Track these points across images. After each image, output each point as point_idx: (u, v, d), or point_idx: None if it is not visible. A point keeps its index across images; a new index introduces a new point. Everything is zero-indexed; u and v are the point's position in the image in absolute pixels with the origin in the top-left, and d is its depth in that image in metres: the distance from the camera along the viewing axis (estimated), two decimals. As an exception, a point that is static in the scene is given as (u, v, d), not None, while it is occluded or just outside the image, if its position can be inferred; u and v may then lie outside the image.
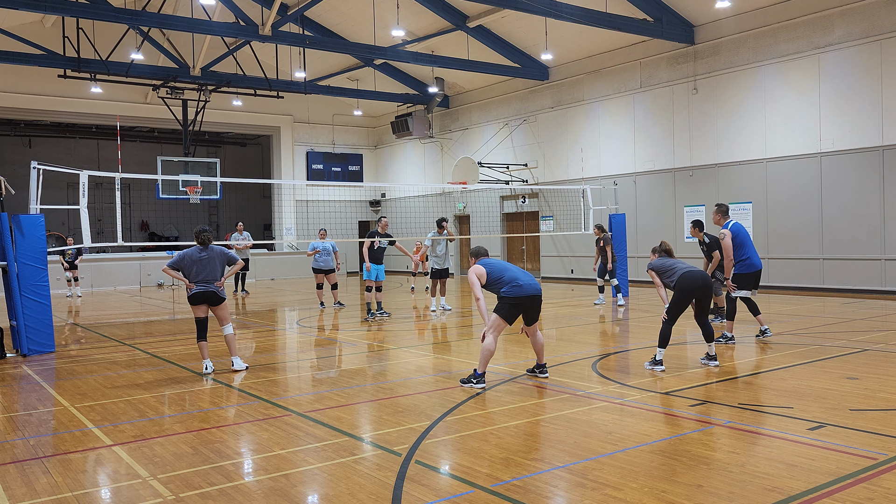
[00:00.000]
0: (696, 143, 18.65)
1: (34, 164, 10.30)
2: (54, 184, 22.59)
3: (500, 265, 7.40)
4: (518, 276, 7.25)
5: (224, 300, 8.35)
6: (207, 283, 8.19)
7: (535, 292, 7.19)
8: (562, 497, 4.22)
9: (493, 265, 7.37)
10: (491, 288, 7.27)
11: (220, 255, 8.31)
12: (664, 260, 8.17)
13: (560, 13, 16.27)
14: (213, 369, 8.30)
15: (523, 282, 7.18)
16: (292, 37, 19.18)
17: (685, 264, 8.04)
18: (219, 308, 8.34)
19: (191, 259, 8.18)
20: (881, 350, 8.68)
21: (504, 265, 7.40)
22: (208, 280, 8.20)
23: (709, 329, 8.05)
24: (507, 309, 7.14)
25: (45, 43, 21.09)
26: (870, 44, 15.24)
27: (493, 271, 7.29)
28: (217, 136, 32.43)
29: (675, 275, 7.91)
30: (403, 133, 27.11)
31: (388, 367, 8.59)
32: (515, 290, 7.13)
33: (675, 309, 7.84)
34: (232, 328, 8.54)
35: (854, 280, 15.63)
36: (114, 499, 4.37)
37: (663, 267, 8.09)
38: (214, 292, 8.21)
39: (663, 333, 7.78)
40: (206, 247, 8.27)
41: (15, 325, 9.87)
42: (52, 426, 6.12)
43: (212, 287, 8.19)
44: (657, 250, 8.36)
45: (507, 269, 7.33)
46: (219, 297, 8.27)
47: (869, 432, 5.22)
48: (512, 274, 7.27)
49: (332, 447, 5.22)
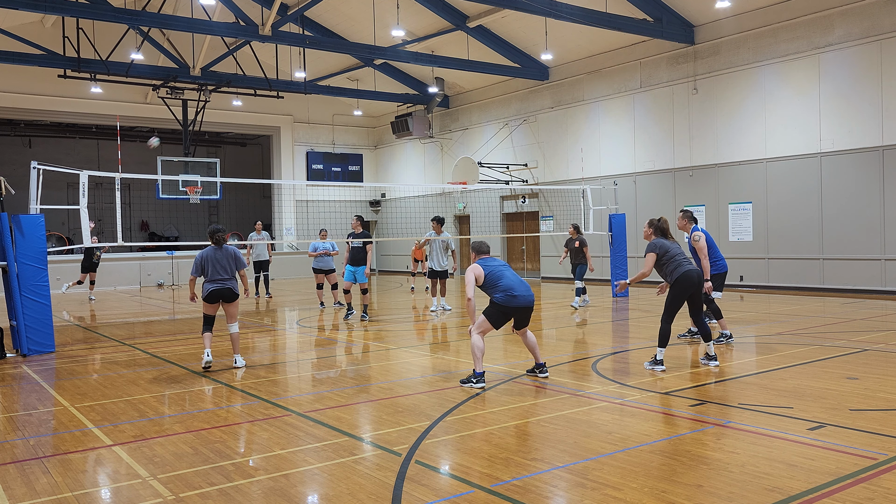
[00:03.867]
0: (696, 143, 18.65)
1: (34, 164, 10.31)
2: (54, 184, 22.58)
3: (498, 269, 7.31)
4: (514, 286, 7.15)
5: (238, 296, 8.52)
6: (223, 281, 8.38)
7: (528, 304, 7.15)
8: (562, 497, 4.22)
9: (492, 267, 7.31)
10: (485, 290, 7.25)
11: (231, 255, 8.50)
12: (665, 243, 7.88)
13: (560, 13, 16.28)
14: (211, 361, 8.38)
15: (518, 292, 7.11)
16: (292, 37, 19.19)
17: (683, 255, 7.87)
18: (231, 305, 8.52)
19: (208, 259, 8.43)
20: (881, 350, 8.68)
21: (501, 269, 7.32)
22: (223, 278, 8.38)
23: (705, 328, 7.98)
24: (497, 316, 7.16)
25: (45, 43, 21.10)
26: (870, 44, 15.24)
27: (491, 274, 7.24)
28: (217, 136, 32.43)
29: (676, 269, 7.72)
30: (403, 133, 27.12)
31: (388, 367, 8.59)
32: (510, 300, 7.08)
33: (672, 307, 7.76)
34: (238, 327, 8.67)
35: (854, 280, 15.63)
36: (114, 499, 4.37)
37: (667, 254, 7.80)
38: (230, 289, 8.41)
39: (663, 332, 7.73)
40: (221, 246, 8.47)
41: (15, 325, 9.87)
42: (52, 426, 6.12)
43: (228, 284, 8.40)
44: (654, 225, 8.05)
45: (504, 274, 7.25)
46: (234, 293, 8.46)
47: (869, 432, 5.22)
48: (508, 282, 7.17)
49: (332, 447, 5.22)
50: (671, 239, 8.02)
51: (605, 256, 19.61)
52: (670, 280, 7.82)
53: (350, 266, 13.18)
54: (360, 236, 13.10)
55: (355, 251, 13.11)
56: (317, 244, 15.49)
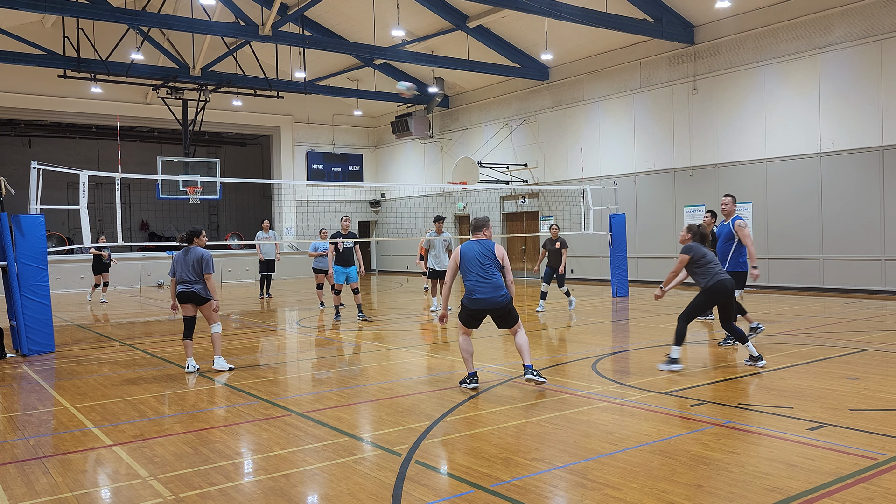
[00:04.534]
0: (696, 143, 18.65)
1: (34, 164, 10.30)
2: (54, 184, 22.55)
3: (471, 262, 6.90)
4: (475, 289, 6.81)
5: (208, 300, 8.38)
6: (187, 283, 8.31)
7: (490, 305, 6.79)
8: (562, 497, 4.22)
9: (467, 259, 6.93)
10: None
11: (197, 258, 8.32)
12: (703, 249, 7.77)
13: (560, 13, 16.27)
14: (195, 368, 8.34)
15: (479, 295, 6.79)
16: (292, 37, 19.19)
17: (719, 263, 7.82)
18: (204, 308, 8.46)
19: (177, 260, 8.44)
20: (881, 350, 8.68)
21: (474, 264, 6.89)
22: (187, 281, 8.31)
23: (738, 331, 7.86)
24: (465, 317, 6.97)
25: (45, 43, 21.10)
26: (870, 44, 15.24)
27: (463, 267, 6.95)
28: (217, 136, 32.41)
29: (712, 277, 7.67)
30: (403, 133, 27.11)
31: (388, 367, 8.59)
32: (470, 302, 6.87)
33: (695, 310, 7.70)
34: (220, 328, 8.53)
35: (854, 280, 15.63)
36: (114, 499, 4.37)
37: (703, 258, 7.72)
38: (195, 292, 8.32)
39: (679, 331, 7.66)
40: (188, 247, 8.42)
41: (15, 325, 9.88)
42: (52, 426, 6.12)
43: (192, 287, 8.30)
44: (694, 231, 7.92)
45: (470, 271, 6.89)
46: (200, 297, 8.35)
47: (869, 432, 5.22)
48: (471, 282, 6.87)
49: (332, 447, 5.22)
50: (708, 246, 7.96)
51: (605, 256, 19.63)
52: (703, 285, 7.75)
53: (340, 267, 13.12)
54: (347, 237, 13.11)
55: (345, 251, 13.08)
56: (317, 244, 15.49)
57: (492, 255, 6.95)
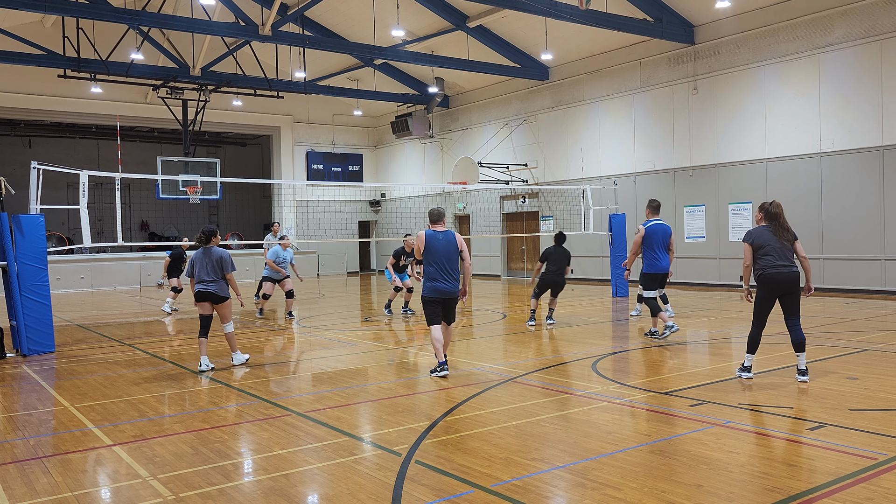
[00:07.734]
0: (696, 143, 18.65)
1: (34, 164, 10.31)
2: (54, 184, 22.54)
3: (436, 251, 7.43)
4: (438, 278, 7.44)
5: (226, 299, 8.52)
6: (206, 283, 8.40)
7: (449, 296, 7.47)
8: (562, 497, 4.22)
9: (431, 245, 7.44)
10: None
11: (216, 258, 8.46)
12: (761, 233, 6.93)
13: (560, 13, 16.27)
14: (209, 367, 8.38)
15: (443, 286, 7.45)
16: (292, 37, 19.18)
17: (779, 250, 6.84)
18: (221, 307, 8.55)
19: (196, 260, 8.51)
20: (881, 350, 8.68)
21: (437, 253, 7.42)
22: (206, 281, 8.39)
23: (799, 335, 6.91)
24: (430, 313, 7.51)
25: (45, 43, 21.09)
26: (870, 44, 15.24)
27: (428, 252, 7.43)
28: (217, 136, 32.42)
29: (763, 267, 6.83)
30: (403, 133, 27.11)
31: (388, 367, 8.59)
32: (434, 291, 7.48)
33: (758, 309, 6.96)
34: (232, 326, 8.71)
35: (854, 280, 15.63)
36: (114, 499, 4.37)
37: (761, 248, 6.86)
38: (213, 292, 8.41)
39: (752, 338, 7.06)
40: (206, 247, 8.48)
41: (15, 324, 9.88)
42: (52, 426, 6.12)
43: (210, 287, 8.39)
44: (765, 210, 7.03)
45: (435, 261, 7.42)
46: (219, 296, 8.45)
47: (869, 432, 5.22)
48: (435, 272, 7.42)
49: (332, 447, 5.22)
50: (783, 225, 6.95)
51: (605, 256, 19.62)
52: (757, 275, 6.96)
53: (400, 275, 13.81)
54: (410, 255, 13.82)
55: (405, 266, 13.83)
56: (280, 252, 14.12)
57: (454, 247, 7.58)
